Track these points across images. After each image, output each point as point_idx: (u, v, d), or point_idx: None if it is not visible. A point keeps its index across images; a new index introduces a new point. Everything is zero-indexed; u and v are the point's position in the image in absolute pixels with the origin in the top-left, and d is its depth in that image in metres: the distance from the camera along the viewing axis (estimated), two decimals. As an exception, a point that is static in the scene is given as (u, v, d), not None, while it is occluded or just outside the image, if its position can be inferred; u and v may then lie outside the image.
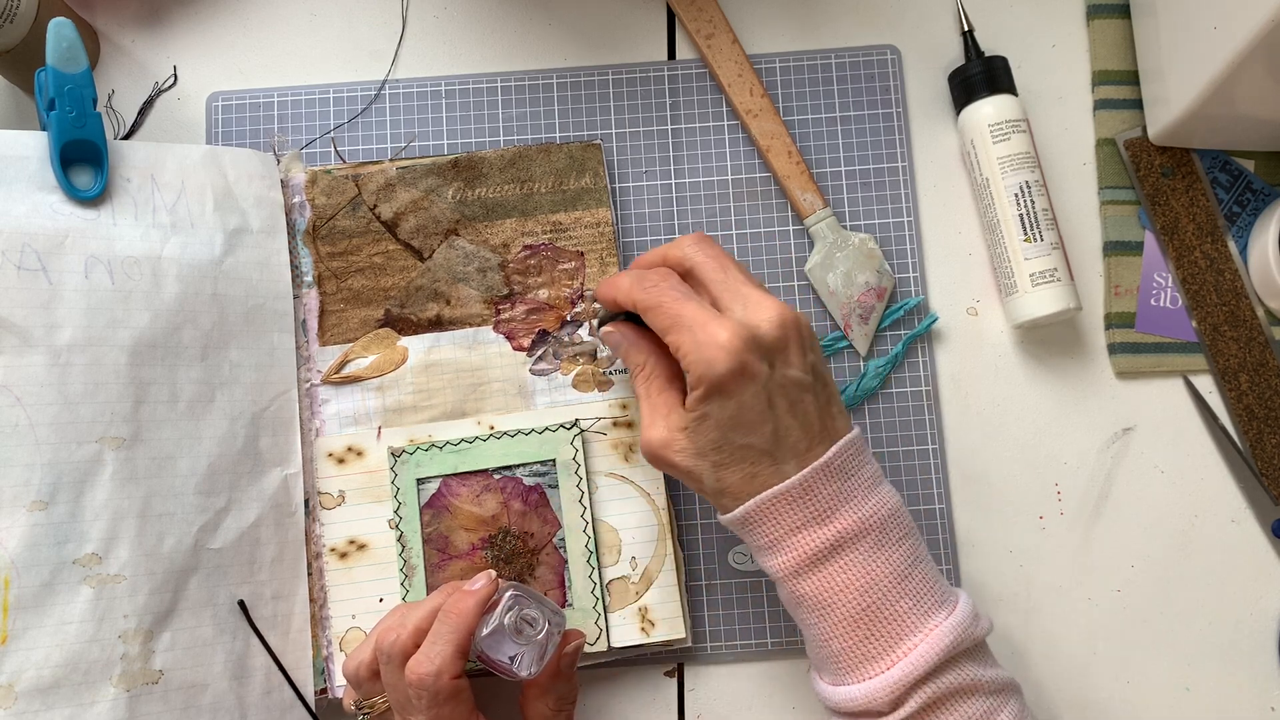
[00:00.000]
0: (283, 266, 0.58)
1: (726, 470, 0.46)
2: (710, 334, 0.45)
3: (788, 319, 0.46)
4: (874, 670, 0.45)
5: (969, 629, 0.45)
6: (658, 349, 0.50)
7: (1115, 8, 0.62)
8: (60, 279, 0.51)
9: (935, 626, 0.45)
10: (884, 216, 0.61)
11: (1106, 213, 0.60)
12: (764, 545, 0.46)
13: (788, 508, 0.45)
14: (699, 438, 0.46)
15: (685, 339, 0.45)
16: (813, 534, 0.45)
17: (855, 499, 0.46)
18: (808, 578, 0.46)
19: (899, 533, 0.46)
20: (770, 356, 0.45)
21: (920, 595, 0.45)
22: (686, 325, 0.46)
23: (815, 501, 0.45)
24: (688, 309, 0.46)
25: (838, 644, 0.45)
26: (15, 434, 0.48)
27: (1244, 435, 0.58)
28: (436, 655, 0.46)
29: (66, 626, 0.48)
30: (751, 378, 0.45)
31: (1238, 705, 0.57)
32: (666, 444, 0.47)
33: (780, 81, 0.62)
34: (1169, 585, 0.58)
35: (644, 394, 0.49)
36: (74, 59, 0.52)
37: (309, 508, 0.57)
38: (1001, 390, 0.59)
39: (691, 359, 0.45)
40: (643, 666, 0.57)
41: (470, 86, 0.62)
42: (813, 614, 0.46)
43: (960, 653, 0.45)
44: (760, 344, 0.45)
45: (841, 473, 0.46)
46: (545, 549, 0.56)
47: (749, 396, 0.45)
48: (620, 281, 0.49)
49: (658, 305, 0.47)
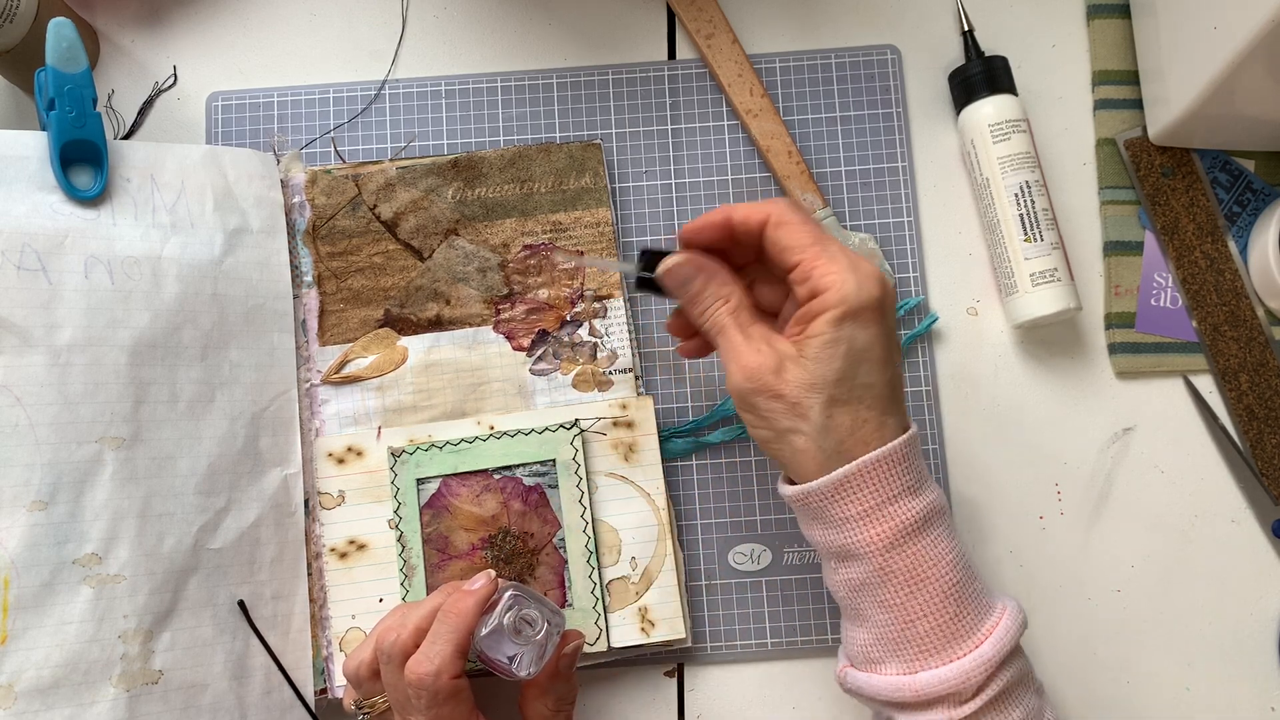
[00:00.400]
0: (283, 266, 0.58)
1: (840, 408, 0.43)
2: (858, 263, 0.44)
3: (889, 287, 0.45)
4: (963, 649, 0.43)
5: (1023, 614, 0.45)
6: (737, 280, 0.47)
7: (1115, 8, 0.62)
8: (60, 279, 0.51)
9: (1004, 608, 0.45)
10: (884, 216, 0.61)
11: (1106, 213, 0.60)
12: (854, 515, 0.44)
13: (889, 471, 0.43)
14: (821, 365, 0.43)
15: (835, 265, 0.43)
16: (910, 503, 0.44)
17: (928, 475, 0.45)
18: (904, 549, 0.43)
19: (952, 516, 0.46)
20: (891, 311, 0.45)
21: (980, 577, 0.46)
22: (834, 253, 0.44)
23: (912, 469, 0.44)
24: (833, 243, 0.45)
25: (927, 623, 0.43)
26: (15, 434, 0.48)
27: (1244, 435, 0.58)
28: (436, 655, 0.46)
29: (66, 626, 0.48)
30: (887, 315, 0.44)
31: (1238, 705, 0.57)
32: (777, 370, 0.43)
33: (780, 81, 0.62)
34: (1169, 585, 0.58)
35: (731, 325, 0.46)
36: (74, 59, 0.52)
37: (309, 508, 0.57)
38: (1001, 390, 0.59)
39: (839, 278, 0.43)
40: (643, 666, 0.57)
41: (470, 86, 0.62)
42: (902, 590, 0.44)
43: (1017, 642, 0.45)
44: (889, 294, 0.44)
45: (917, 448, 0.45)
46: (545, 549, 0.56)
47: (883, 334, 0.44)
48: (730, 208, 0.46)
49: (798, 221, 0.45)
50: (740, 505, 0.58)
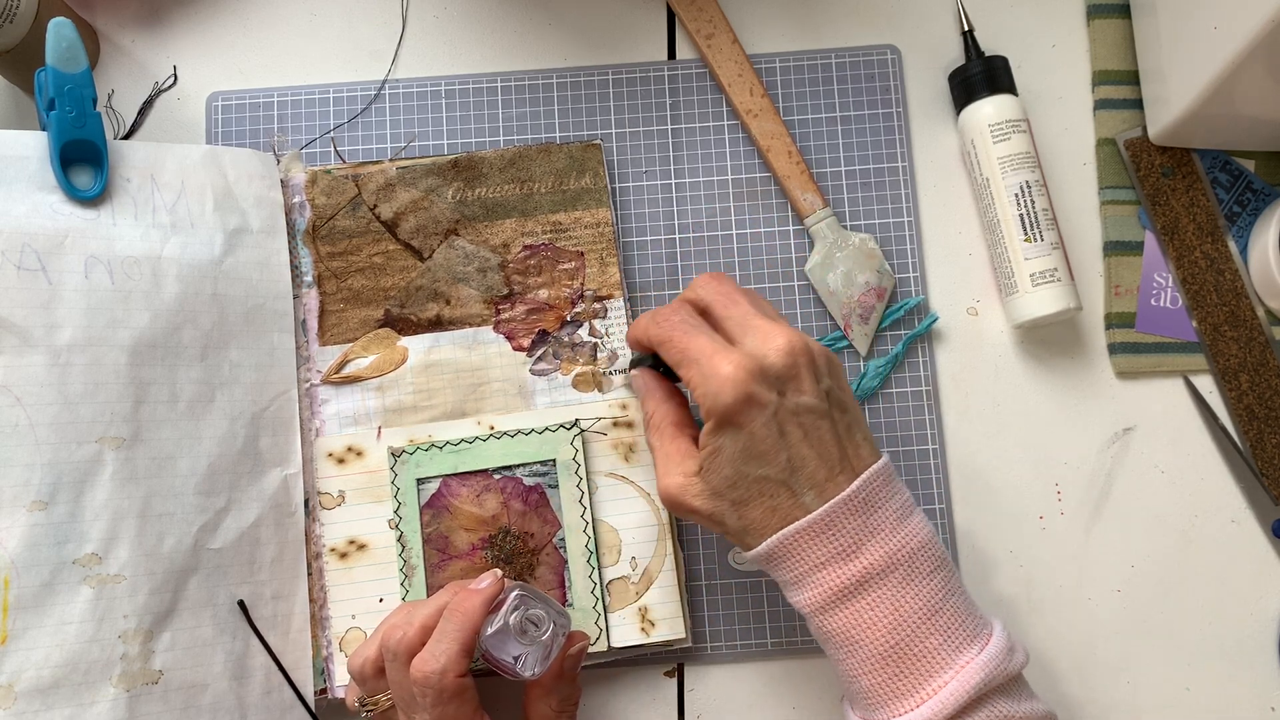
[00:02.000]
0: (283, 266, 0.58)
1: (746, 507, 0.45)
2: (716, 366, 0.44)
3: (797, 346, 0.45)
4: (902, 708, 0.44)
5: (1001, 665, 0.44)
6: (670, 397, 0.50)
7: (1115, 8, 0.62)
8: (60, 279, 0.51)
9: (966, 663, 0.44)
10: (884, 216, 0.61)
11: (1106, 213, 0.60)
12: (789, 581, 0.46)
13: (811, 542, 0.44)
14: (713, 476, 0.46)
15: (694, 372, 0.45)
16: (838, 569, 0.44)
17: (882, 533, 0.45)
18: (834, 614, 0.45)
19: (929, 566, 0.45)
20: (780, 384, 0.45)
21: (951, 631, 0.44)
22: (693, 358, 0.46)
23: (840, 536, 0.44)
24: (696, 342, 0.46)
25: (866, 681, 0.45)
26: (15, 434, 0.48)
27: (1244, 435, 0.58)
28: (441, 653, 0.46)
29: (66, 626, 0.48)
30: (760, 406, 0.44)
31: (1238, 705, 0.57)
32: (683, 489, 0.47)
33: (780, 81, 0.62)
34: (1169, 585, 0.58)
35: (656, 443, 0.49)
36: (74, 59, 0.52)
37: (309, 508, 0.57)
38: (1001, 390, 0.59)
39: (700, 391, 0.45)
40: (643, 666, 0.57)
41: (470, 86, 0.62)
42: (840, 650, 0.45)
43: (993, 689, 0.44)
44: (767, 373, 0.44)
45: (867, 505, 0.45)
46: (545, 549, 0.56)
47: (759, 426, 0.44)
48: (640, 320, 0.50)
49: (669, 339, 0.47)
50: (740, 505, 0.58)
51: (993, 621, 0.46)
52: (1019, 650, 0.46)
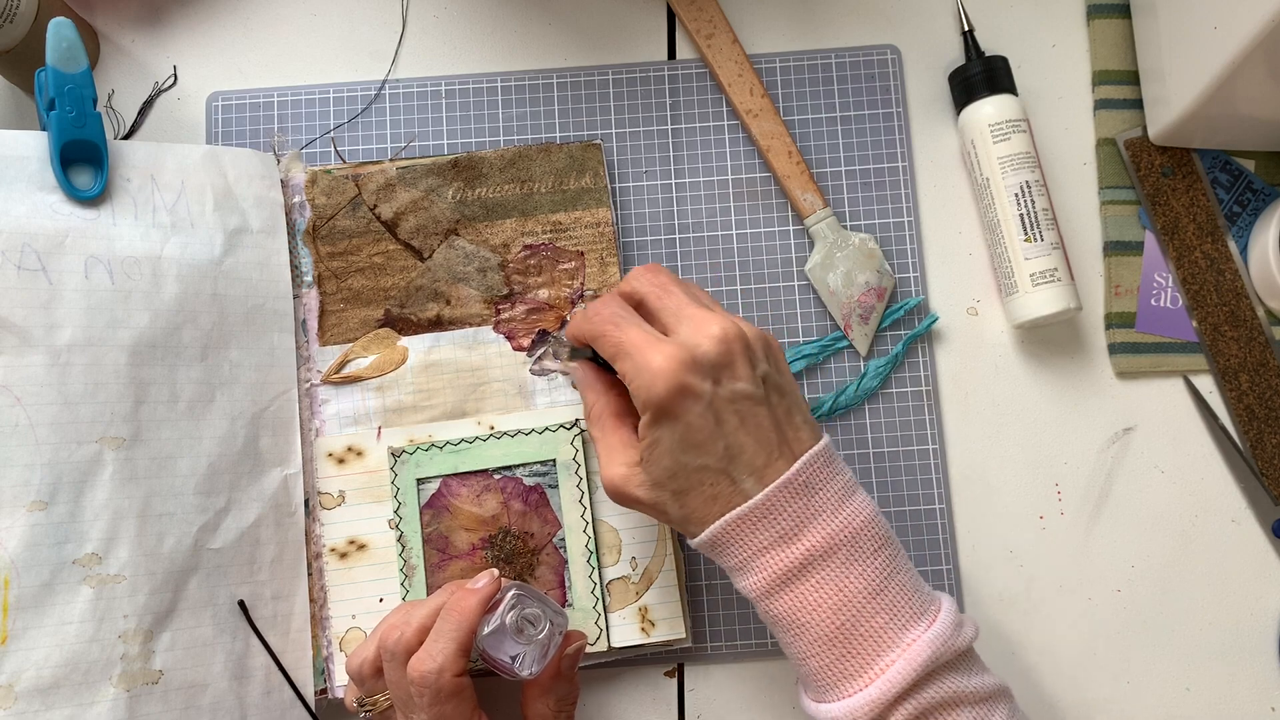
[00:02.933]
0: (283, 266, 0.58)
1: (687, 496, 0.45)
2: (648, 358, 0.44)
3: (730, 333, 0.45)
4: (852, 689, 0.44)
5: (949, 640, 0.44)
6: (610, 388, 0.50)
7: (1115, 8, 0.62)
8: (60, 279, 0.51)
9: (913, 640, 0.44)
10: (884, 216, 0.61)
11: (1107, 213, 0.60)
12: (734, 567, 0.46)
13: (752, 528, 0.44)
14: (653, 467, 0.45)
15: (628, 365, 0.45)
16: (780, 553, 0.44)
17: (824, 514, 0.44)
18: (778, 598, 0.45)
19: (872, 544, 0.45)
20: (714, 373, 0.44)
21: (897, 608, 0.44)
22: (627, 351, 0.45)
23: (780, 520, 0.44)
24: (629, 334, 0.45)
25: (814, 663, 0.45)
26: (15, 434, 0.48)
27: (1244, 435, 0.58)
28: (439, 653, 0.46)
29: (66, 626, 0.48)
30: (695, 396, 0.44)
31: (1238, 705, 0.57)
32: (626, 479, 0.47)
33: (780, 81, 0.62)
34: (1169, 585, 0.58)
35: (598, 435, 0.49)
36: (74, 59, 0.52)
37: (309, 508, 0.57)
38: (1001, 390, 0.59)
39: (635, 385, 0.45)
40: (643, 666, 0.57)
41: (470, 86, 0.62)
42: (788, 633, 0.45)
43: (942, 665, 0.44)
44: (701, 362, 0.44)
45: (807, 488, 0.45)
46: (545, 549, 0.56)
47: (695, 416, 0.44)
48: (575, 316, 0.49)
49: (601, 334, 0.47)
50: (740, 505, 0.58)
51: (940, 597, 0.46)
52: (968, 625, 0.46)
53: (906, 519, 0.58)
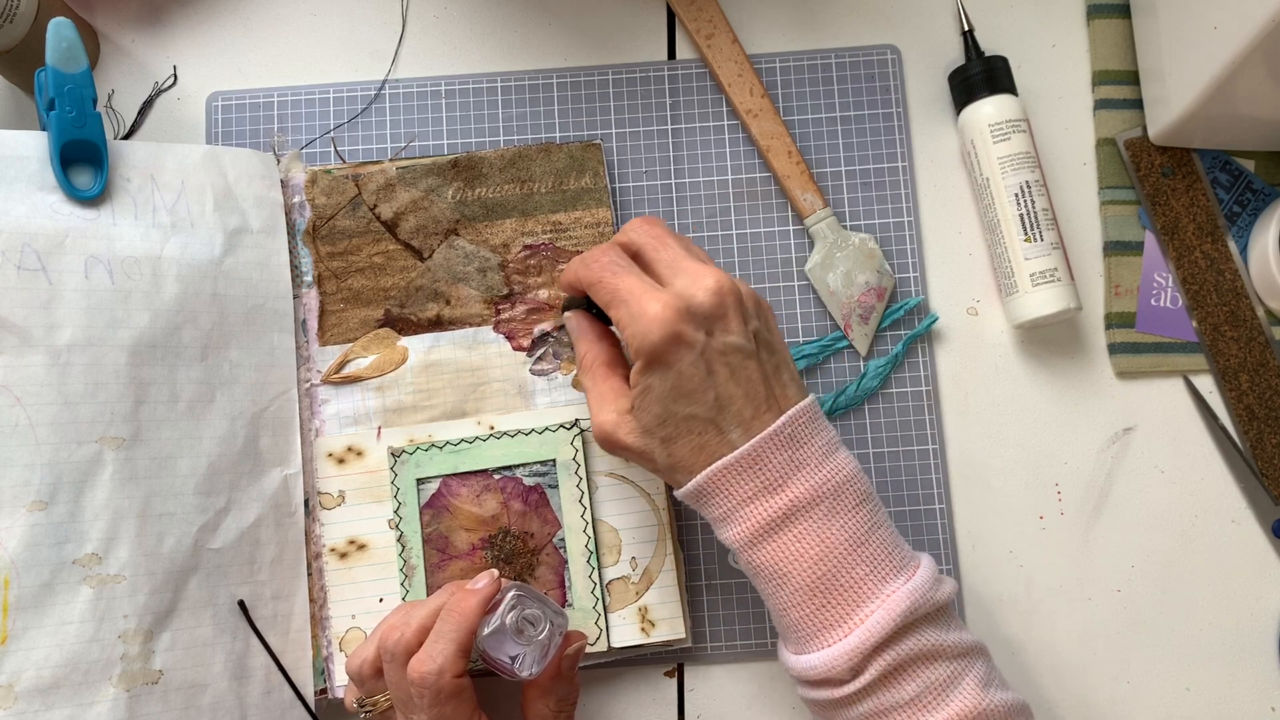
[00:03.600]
0: (283, 266, 0.58)
1: (675, 444, 0.46)
2: (644, 305, 0.45)
3: (725, 286, 0.46)
4: (832, 638, 0.45)
5: (928, 594, 0.45)
6: (602, 338, 0.51)
7: (1115, 8, 0.62)
8: (60, 279, 0.51)
9: (893, 592, 0.44)
10: (884, 216, 0.61)
11: (1106, 213, 0.60)
12: (718, 517, 0.47)
13: (738, 478, 0.45)
14: (643, 414, 0.46)
15: (623, 312, 0.46)
16: (764, 503, 0.45)
17: (808, 467, 0.45)
18: (762, 548, 0.45)
19: (854, 499, 0.46)
20: (708, 324, 0.45)
21: (877, 561, 0.45)
22: (623, 298, 0.46)
23: (766, 471, 0.45)
24: (625, 282, 0.46)
25: (795, 613, 0.45)
26: (15, 434, 0.48)
27: (1244, 435, 0.58)
28: (439, 654, 0.46)
29: (66, 626, 0.48)
30: (688, 345, 0.45)
31: (1238, 705, 0.57)
32: (616, 425, 0.48)
33: (780, 81, 0.62)
34: (1169, 585, 0.58)
35: (589, 383, 0.50)
36: (74, 59, 0.52)
37: (309, 508, 0.57)
38: (1001, 390, 0.59)
39: (629, 331, 0.46)
40: (643, 666, 0.57)
41: (470, 86, 0.62)
42: (770, 584, 0.46)
43: (920, 618, 0.44)
44: (695, 312, 0.45)
45: (792, 441, 0.46)
46: (545, 549, 0.56)
47: (687, 365, 0.45)
48: (572, 263, 0.50)
49: (599, 280, 0.48)
50: (740, 505, 0.58)
51: (920, 555, 0.47)
52: (947, 582, 0.47)
53: (906, 519, 0.58)
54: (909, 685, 0.44)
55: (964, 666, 0.45)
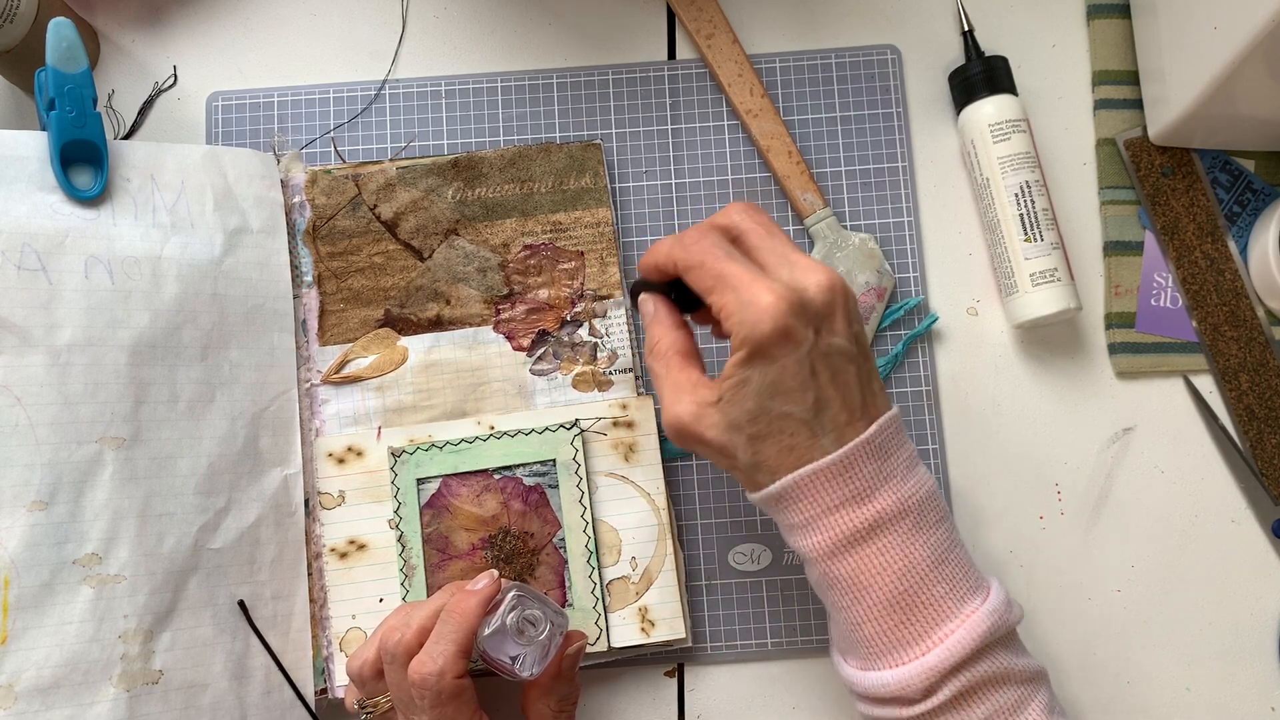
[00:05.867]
0: (283, 266, 0.58)
1: (763, 443, 0.44)
2: (755, 294, 0.42)
3: (836, 285, 0.44)
4: (908, 656, 0.44)
5: (1004, 616, 0.44)
6: (678, 326, 0.48)
7: (1115, 8, 0.62)
8: (60, 279, 0.51)
9: (971, 613, 0.44)
10: (884, 216, 0.61)
11: (1106, 213, 0.60)
12: (798, 523, 0.45)
13: (826, 485, 0.44)
14: (734, 408, 0.44)
15: (729, 299, 0.43)
16: (851, 513, 0.44)
17: (894, 479, 0.44)
18: (843, 559, 0.44)
19: (936, 516, 0.45)
20: (816, 322, 0.43)
21: (955, 581, 0.44)
22: (731, 285, 0.43)
23: (855, 479, 0.44)
24: (731, 268, 0.44)
25: (871, 628, 0.44)
26: (15, 434, 0.48)
27: (1244, 435, 0.58)
28: (439, 655, 0.46)
29: (66, 626, 0.48)
30: (796, 342, 0.43)
31: (1238, 705, 0.57)
32: (697, 418, 0.45)
33: (780, 81, 0.62)
34: (1169, 585, 0.58)
35: (663, 371, 0.47)
36: (74, 59, 0.52)
37: (309, 508, 0.57)
38: (1001, 390, 0.59)
39: (736, 319, 0.43)
40: (643, 666, 0.57)
41: (470, 86, 0.62)
42: (846, 596, 0.45)
43: (994, 640, 0.44)
44: (807, 308, 0.43)
45: (881, 451, 0.44)
46: (545, 549, 0.56)
47: (792, 362, 0.43)
48: (661, 244, 0.47)
49: (700, 264, 0.45)
50: (740, 505, 0.58)
51: (990, 578, 0.47)
52: (1016, 605, 0.46)
53: (906, 519, 0.58)
54: (979, 708, 0.43)
55: (1030, 692, 0.44)
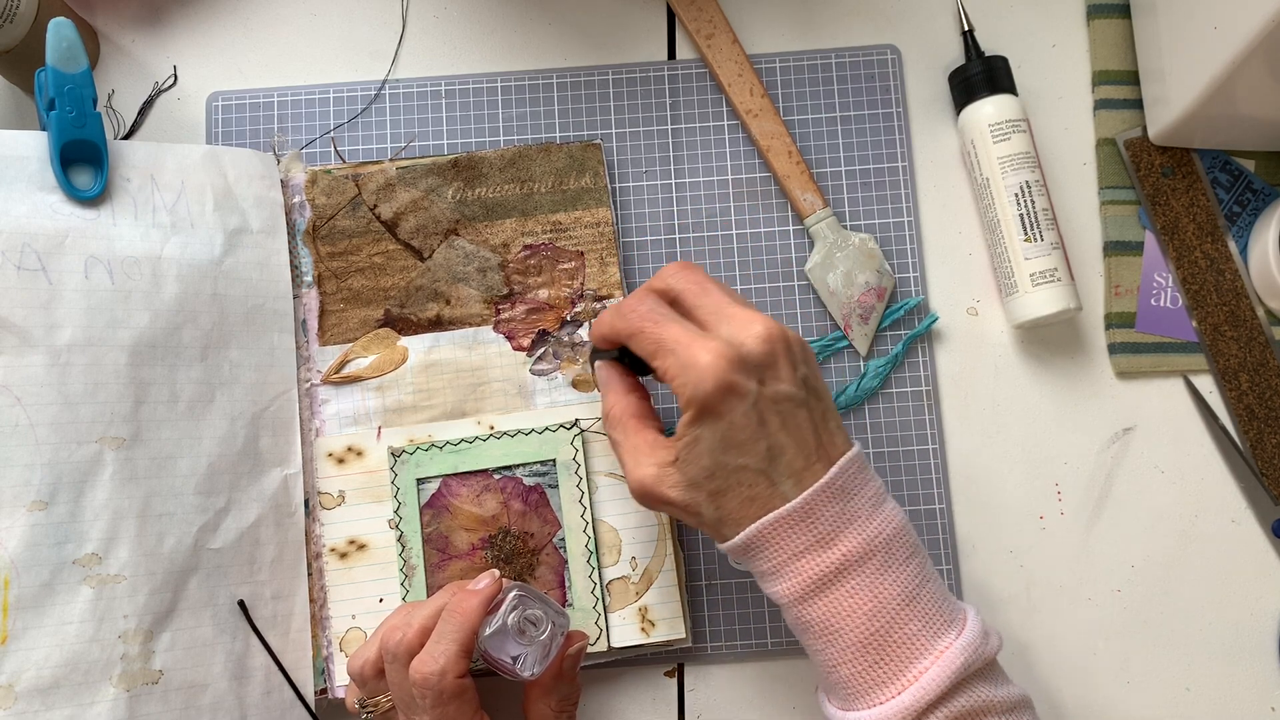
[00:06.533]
0: (283, 266, 0.58)
1: (724, 497, 0.45)
2: (694, 354, 0.43)
3: (774, 333, 0.45)
4: (884, 696, 0.44)
5: (979, 649, 0.44)
6: (631, 390, 0.50)
7: (1115, 8, 0.62)
8: (60, 279, 0.51)
9: (945, 648, 0.44)
10: (884, 216, 0.61)
11: (1106, 213, 0.60)
12: (767, 571, 0.45)
13: (789, 531, 0.44)
14: (690, 466, 0.45)
15: (670, 362, 0.44)
16: (817, 558, 0.44)
17: (859, 520, 0.44)
18: (813, 603, 0.44)
19: (905, 552, 0.45)
20: (759, 372, 0.44)
21: (929, 616, 0.44)
22: (669, 348, 0.45)
23: (818, 524, 0.44)
24: (670, 331, 0.45)
25: (846, 670, 0.44)
26: (15, 434, 0.48)
27: (1244, 435, 0.58)
28: (441, 654, 0.46)
29: (66, 626, 0.48)
30: (740, 395, 0.43)
31: (1238, 705, 0.57)
32: (658, 480, 0.46)
33: (780, 81, 0.62)
34: (1169, 585, 0.58)
35: (620, 438, 0.48)
36: (74, 59, 0.52)
37: (309, 508, 0.57)
38: (1001, 390, 0.59)
39: (679, 381, 0.44)
40: (643, 666, 0.57)
41: (470, 86, 0.62)
42: (820, 639, 0.45)
43: (972, 674, 0.44)
44: (747, 360, 0.44)
45: (843, 493, 0.45)
46: (545, 549, 0.56)
47: (739, 415, 0.44)
48: (605, 315, 0.49)
49: (639, 331, 0.46)
50: (740, 505, 0.58)
51: (966, 607, 0.46)
52: (993, 635, 0.46)
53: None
54: None
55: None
